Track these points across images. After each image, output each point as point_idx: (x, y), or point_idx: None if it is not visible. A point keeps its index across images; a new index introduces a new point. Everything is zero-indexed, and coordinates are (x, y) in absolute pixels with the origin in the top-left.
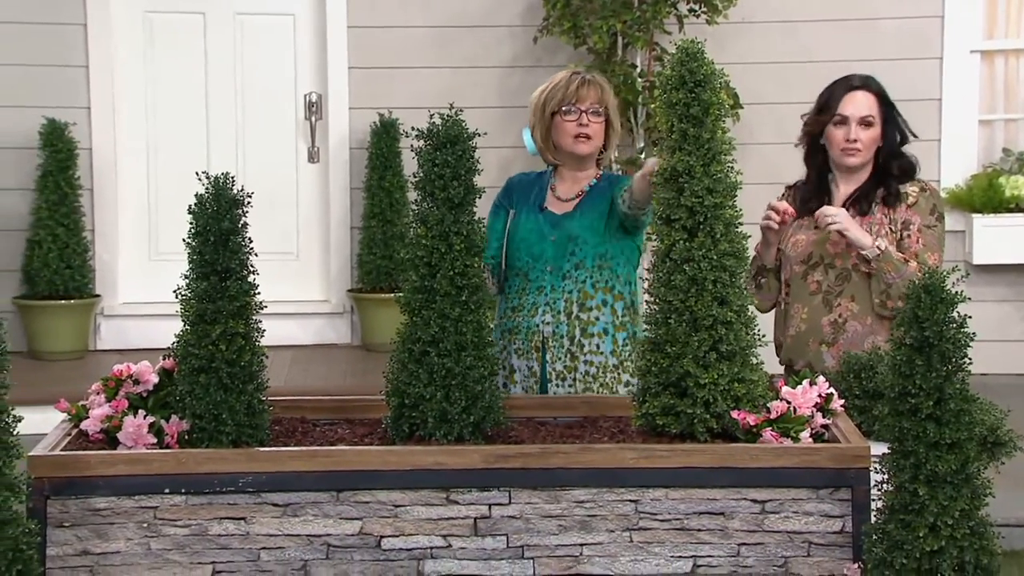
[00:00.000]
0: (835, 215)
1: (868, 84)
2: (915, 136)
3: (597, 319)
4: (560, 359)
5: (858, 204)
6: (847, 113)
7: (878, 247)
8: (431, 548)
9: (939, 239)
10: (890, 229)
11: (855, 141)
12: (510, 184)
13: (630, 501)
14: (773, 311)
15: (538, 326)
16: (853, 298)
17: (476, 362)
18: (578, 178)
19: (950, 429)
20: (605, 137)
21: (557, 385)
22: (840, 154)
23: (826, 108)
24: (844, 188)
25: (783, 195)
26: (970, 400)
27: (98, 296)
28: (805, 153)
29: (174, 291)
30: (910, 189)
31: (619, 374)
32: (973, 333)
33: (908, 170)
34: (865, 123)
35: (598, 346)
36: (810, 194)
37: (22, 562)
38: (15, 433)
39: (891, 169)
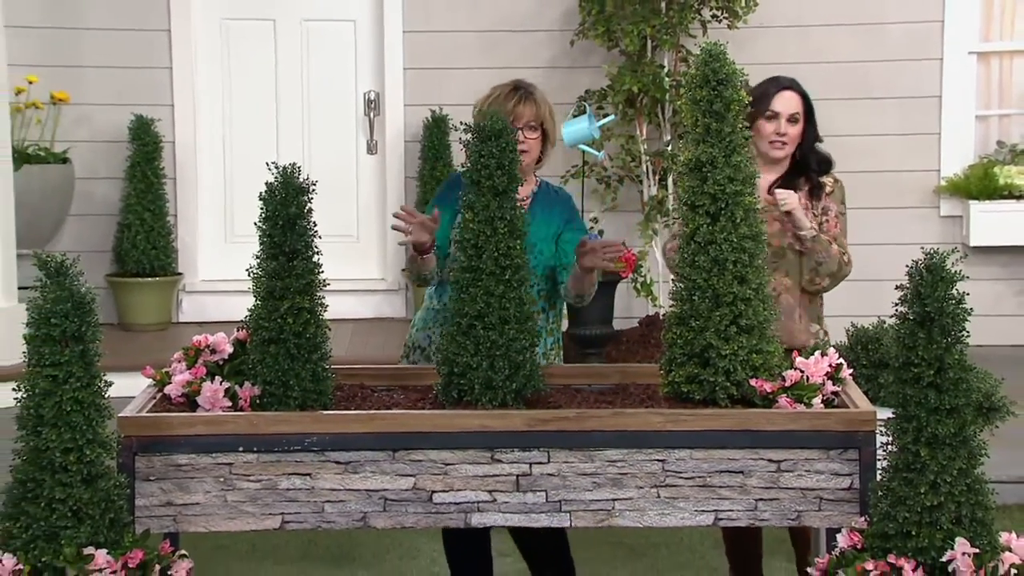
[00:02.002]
0: (787, 197)
1: (795, 85)
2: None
3: (536, 323)
4: None
5: (785, 187)
6: (778, 109)
7: (814, 229)
8: (478, 502)
9: (846, 226)
10: (813, 215)
11: (784, 135)
12: (457, 182)
13: (658, 460)
14: None
15: None
16: (787, 273)
17: (518, 334)
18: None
19: (949, 396)
20: (542, 147)
21: None
22: (768, 146)
23: (760, 102)
24: (766, 176)
25: None
26: (968, 369)
27: (180, 274)
28: None
29: (247, 270)
30: (827, 180)
31: None
32: (970, 308)
33: (825, 164)
34: (792, 119)
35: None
36: None
37: (114, 511)
38: (106, 396)
39: (809, 163)
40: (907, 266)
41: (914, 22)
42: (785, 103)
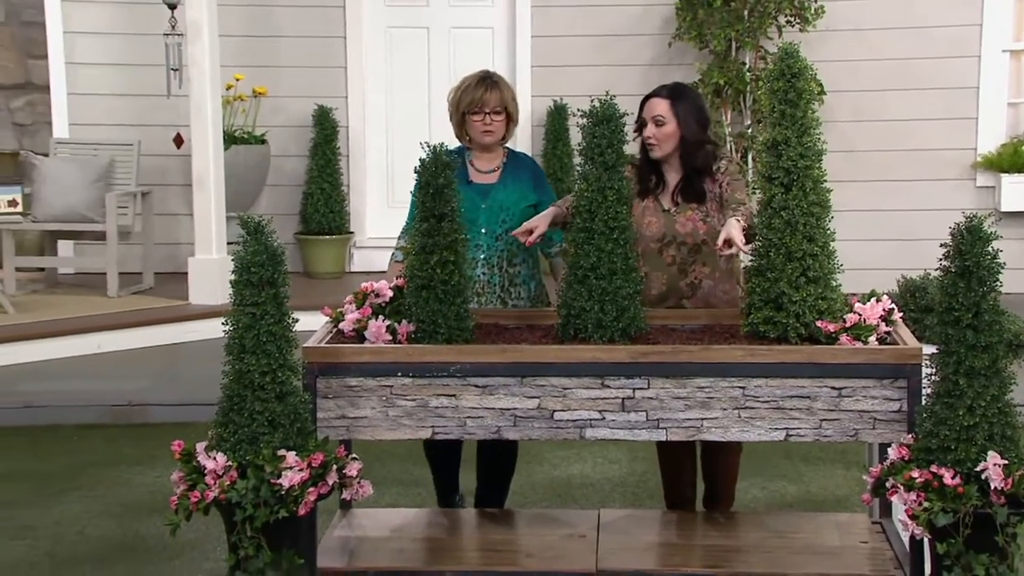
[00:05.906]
0: (732, 250)
1: (659, 92)
2: (707, 125)
3: (519, 272)
4: (492, 303)
5: (685, 193)
6: (645, 116)
7: (746, 239)
8: (590, 420)
9: (746, 186)
10: (718, 203)
11: (650, 137)
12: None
13: (739, 387)
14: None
15: (479, 276)
16: (704, 263)
17: (624, 283)
18: (491, 155)
19: (984, 335)
20: (506, 126)
21: None
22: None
23: (638, 114)
24: (671, 176)
25: (627, 169)
26: (1000, 313)
27: (352, 232)
28: (640, 147)
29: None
30: (722, 163)
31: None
32: (1003, 263)
33: (705, 165)
34: (656, 122)
35: (520, 293)
36: (647, 178)
37: (300, 422)
38: (294, 330)
39: (695, 161)
40: (949, 228)
41: (956, 25)
42: (649, 109)
